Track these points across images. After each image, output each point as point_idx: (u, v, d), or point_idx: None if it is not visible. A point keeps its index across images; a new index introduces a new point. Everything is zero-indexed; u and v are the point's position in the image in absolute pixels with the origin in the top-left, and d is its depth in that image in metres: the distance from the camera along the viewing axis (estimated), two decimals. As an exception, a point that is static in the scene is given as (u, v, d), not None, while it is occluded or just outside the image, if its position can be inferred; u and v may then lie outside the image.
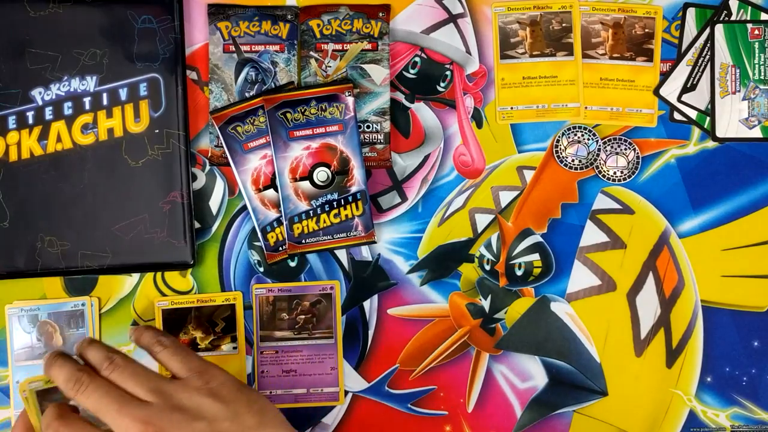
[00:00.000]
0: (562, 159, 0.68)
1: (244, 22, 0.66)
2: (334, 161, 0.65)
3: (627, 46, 0.68)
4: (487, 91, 0.68)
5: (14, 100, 0.64)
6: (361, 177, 0.65)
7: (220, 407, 0.50)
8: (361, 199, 0.65)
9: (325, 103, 0.65)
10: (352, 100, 0.65)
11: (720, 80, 0.68)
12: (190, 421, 0.49)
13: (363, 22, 0.66)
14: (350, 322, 0.67)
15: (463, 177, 0.68)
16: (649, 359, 0.67)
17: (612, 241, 0.67)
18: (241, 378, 0.66)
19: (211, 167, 0.67)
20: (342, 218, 0.65)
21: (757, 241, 0.67)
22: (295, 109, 0.65)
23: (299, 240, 0.65)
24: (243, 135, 0.65)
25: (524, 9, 0.68)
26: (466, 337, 0.67)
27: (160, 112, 0.64)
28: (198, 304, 0.66)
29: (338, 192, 0.65)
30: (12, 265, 0.63)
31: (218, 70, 0.66)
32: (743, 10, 0.68)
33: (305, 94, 0.65)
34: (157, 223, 0.64)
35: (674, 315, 0.67)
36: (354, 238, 0.65)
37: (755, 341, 0.67)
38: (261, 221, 0.65)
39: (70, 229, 0.63)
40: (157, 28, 0.65)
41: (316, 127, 0.65)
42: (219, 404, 0.50)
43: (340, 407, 0.67)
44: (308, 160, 0.65)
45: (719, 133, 0.68)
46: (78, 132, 0.64)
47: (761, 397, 0.67)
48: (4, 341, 0.65)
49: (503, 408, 0.67)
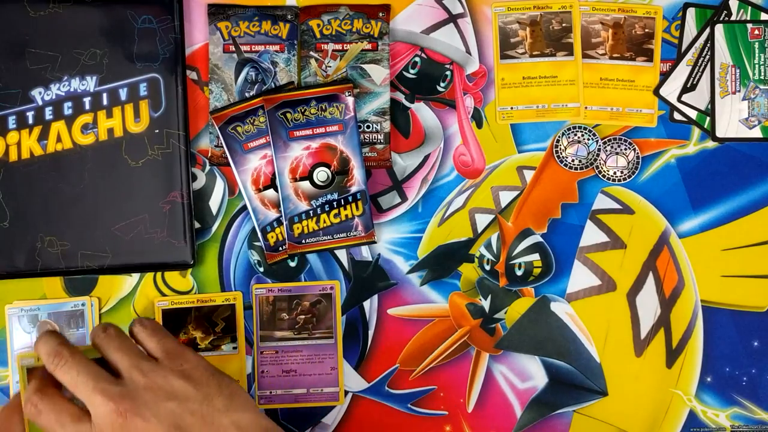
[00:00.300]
0: (562, 159, 0.68)
1: (244, 22, 0.66)
2: (334, 161, 0.65)
3: (627, 46, 0.68)
4: (487, 91, 0.68)
5: (14, 100, 0.64)
6: (361, 177, 0.65)
7: (191, 389, 0.51)
8: (361, 199, 0.65)
9: (325, 103, 0.65)
10: (352, 100, 0.65)
11: (720, 80, 0.68)
12: (161, 401, 0.50)
13: (363, 22, 0.66)
14: (350, 322, 0.67)
15: (463, 177, 0.68)
16: (649, 359, 0.67)
17: (612, 241, 0.67)
18: (242, 378, 0.66)
19: (211, 167, 0.67)
20: (342, 218, 0.65)
21: (757, 241, 0.68)
22: (295, 109, 0.65)
23: (299, 240, 0.65)
24: (243, 135, 0.65)
25: (524, 9, 0.68)
26: (466, 337, 0.67)
27: (160, 112, 0.64)
28: (198, 304, 0.66)
29: (338, 192, 0.65)
30: (12, 265, 0.63)
31: (218, 70, 0.66)
32: (743, 10, 0.68)
33: (305, 94, 0.65)
34: (157, 223, 0.64)
35: (674, 315, 0.67)
36: (354, 238, 0.65)
37: (755, 341, 0.67)
38: (261, 221, 0.65)
39: (70, 229, 0.63)
40: (157, 28, 0.65)
41: (316, 127, 0.65)
42: (190, 386, 0.52)
43: (340, 407, 0.67)
44: (308, 160, 0.65)
45: (719, 133, 0.68)
46: (78, 132, 0.64)
47: (761, 397, 0.67)
48: (4, 341, 0.65)
49: (503, 408, 0.67)
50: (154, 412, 0.49)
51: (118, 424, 0.49)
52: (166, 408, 0.50)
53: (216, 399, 0.52)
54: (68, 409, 0.51)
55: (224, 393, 0.53)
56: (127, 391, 0.50)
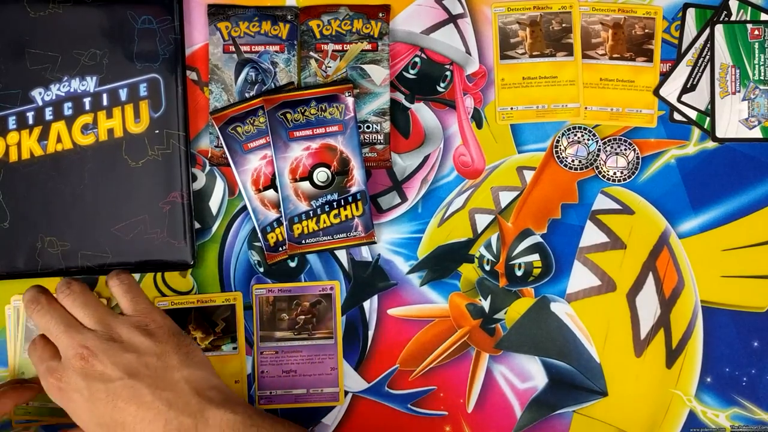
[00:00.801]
0: (562, 159, 0.68)
1: (244, 23, 0.66)
2: (334, 162, 0.65)
3: (627, 47, 0.68)
4: (487, 91, 0.68)
5: (14, 101, 0.64)
6: (361, 177, 0.65)
7: (150, 344, 0.57)
8: (361, 199, 0.65)
9: (325, 104, 0.65)
10: (352, 100, 0.65)
11: (720, 80, 0.68)
12: (121, 352, 0.56)
13: (363, 22, 0.66)
14: (350, 322, 0.67)
15: (463, 177, 0.68)
16: (649, 359, 0.67)
17: (612, 241, 0.67)
18: (242, 378, 0.66)
19: (211, 167, 0.67)
20: (342, 218, 0.65)
21: (757, 241, 0.68)
22: (295, 110, 0.65)
23: (299, 240, 0.65)
24: (243, 135, 0.65)
25: (524, 9, 0.68)
26: (466, 338, 0.67)
27: (160, 112, 0.64)
28: (198, 304, 0.66)
29: (338, 192, 0.65)
30: (12, 265, 0.63)
31: (218, 71, 0.66)
32: (743, 11, 0.68)
33: (305, 95, 0.65)
34: (157, 223, 0.64)
35: (674, 315, 0.67)
36: (354, 239, 0.65)
37: (755, 341, 0.67)
38: (261, 221, 0.65)
39: (70, 229, 0.63)
40: (157, 29, 0.65)
41: (316, 127, 0.65)
42: (150, 342, 0.58)
43: (340, 407, 0.67)
44: (308, 160, 0.65)
45: (719, 134, 0.68)
46: (78, 132, 0.64)
47: (761, 397, 0.67)
48: (4, 341, 0.65)
49: (503, 408, 0.67)
50: (113, 360, 0.56)
51: (79, 366, 0.56)
52: (124, 358, 0.56)
53: (172, 356, 0.58)
54: (51, 348, 0.59)
55: (181, 351, 0.59)
56: (90, 337, 0.57)
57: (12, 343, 0.65)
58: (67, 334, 0.57)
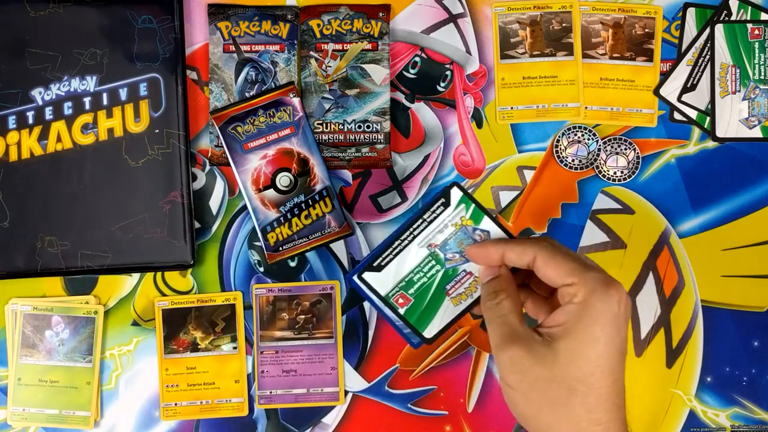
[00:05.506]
0: (562, 159, 0.68)
1: (244, 22, 0.66)
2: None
3: (627, 46, 0.68)
4: (487, 91, 0.68)
5: (14, 100, 0.64)
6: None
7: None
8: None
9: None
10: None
11: (720, 80, 0.68)
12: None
13: (363, 22, 0.66)
14: (350, 322, 0.67)
15: (463, 177, 0.68)
16: (649, 359, 0.67)
17: (612, 241, 0.67)
18: (241, 378, 0.66)
19: (211, 167, 0.67)
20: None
21: (757, 241, 0.68)
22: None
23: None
24: (243, 135, 0.65)
25: (524, 9, 0.68)
26: (466, 337, 0.67)
27: (160, 112, 0.64)
28: (198, 304, 0.66)
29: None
30: (12, 265, 0.63)
31: (218, 70, 0.66)
32: (743, 10, 0.68)
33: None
34: (157, 223, 0.64)
35: (674, 315, 0.67)
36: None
37: (755, 341, 0.67)
38: (261, 221, 0.65)
39: (70, 229, 0.63)
40: (157, 28, 0.65)
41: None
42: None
43: (340, 407, 0.67)
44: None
45: (719, 133, 0.68)
46: (78, 132, 0.64)
47: (761, 397, 0.67)
48: (4, 341, 0.65)
49: (503, 408, 0.67)
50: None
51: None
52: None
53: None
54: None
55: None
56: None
57: (11, 343, 0.65)
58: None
